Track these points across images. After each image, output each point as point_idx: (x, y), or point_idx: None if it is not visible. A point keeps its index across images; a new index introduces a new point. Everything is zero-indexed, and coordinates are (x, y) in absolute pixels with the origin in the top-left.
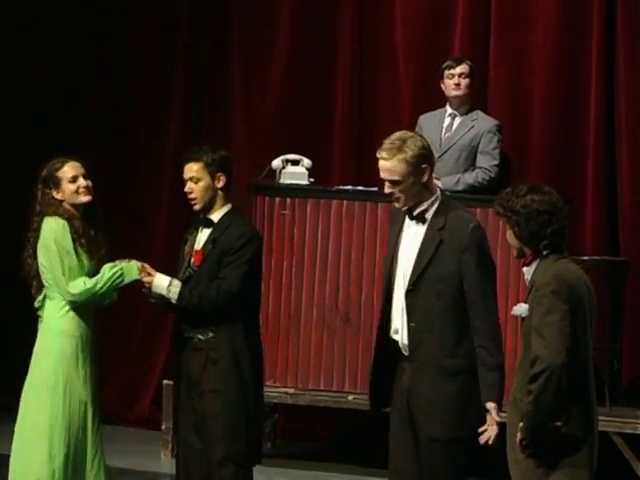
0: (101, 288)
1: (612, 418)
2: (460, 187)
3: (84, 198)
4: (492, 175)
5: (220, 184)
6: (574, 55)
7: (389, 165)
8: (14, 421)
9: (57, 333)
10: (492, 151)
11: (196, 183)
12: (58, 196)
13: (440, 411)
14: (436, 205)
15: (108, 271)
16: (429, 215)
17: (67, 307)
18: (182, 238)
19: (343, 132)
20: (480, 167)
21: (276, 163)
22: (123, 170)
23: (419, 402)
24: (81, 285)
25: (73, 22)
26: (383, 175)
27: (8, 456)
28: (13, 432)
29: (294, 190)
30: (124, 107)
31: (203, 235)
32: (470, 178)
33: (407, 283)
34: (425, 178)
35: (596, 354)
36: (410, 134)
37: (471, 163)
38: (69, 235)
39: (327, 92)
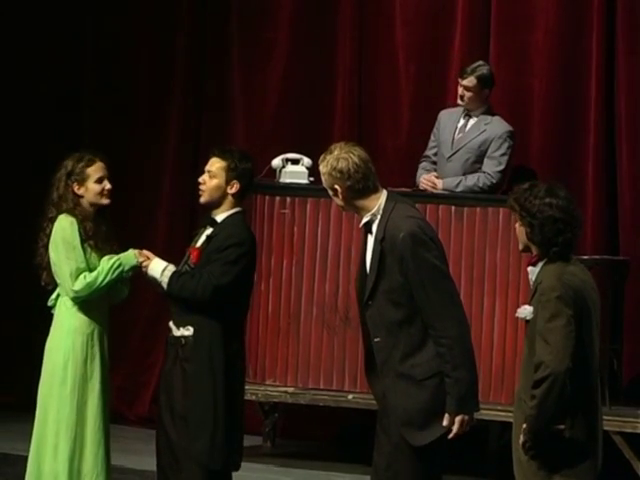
0: (102, 280)
1: (612, 417)
2: (460, 189)
3: (105, 201)
4: (494, 181)
5: (232, 190)
6: (574, 55)
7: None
8: (16, 420)
9: (68, 330)
10: (499, 157)
11: (210, 178)
12: (79, 192)
13: (421, 418)
14: (379, 215)
15: (106, 262)
16: (375, 226)
17: (78, 304)
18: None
19: (343, 131)
20: (484, 172)
21: (276, 162)
22: (123, 170)
23: (398, 413)
24: (82, 280)
25: (73, 22)
26: None
27: (9, 455)
28: (18, 431)
29: (294, 189)
30: (124, 107)
31: (206, 233)
32: (471, 181)
33: (365, 299)
34: (340, 196)
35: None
36: (340, 153)
37: (479, 167)
38: (77, 231)
39: (327, 91)
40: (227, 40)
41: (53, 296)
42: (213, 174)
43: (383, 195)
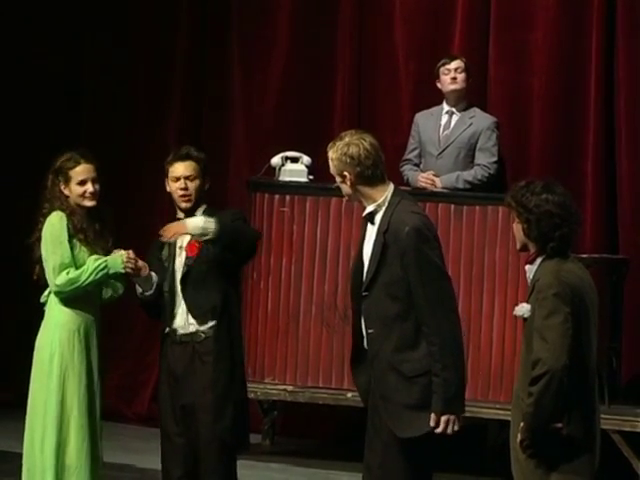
0: (85, 280)
1: (611, 416)
2: (460, 185)
3: (88, 203)
4: (491, 172)
5: (206, 186)
6: (574, 54)
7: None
8: (13, 418)
9: (55, 324)
10: (491, 148)
11: (192, 181)
12: (65, 191)
13: (407, 413)
14: (384, 207)
15: (92, 263)
16: (378, 217)
17: (66, 299)
18: (153, 244)
19: (342, 130)
20: (479, 164)
21: (275, 160)
22: (123, 169)
23: (388, 407)
24: (64, 275)
25: (73, 21)
26: None
27: (7, 453)
28: (15, 429)
29: (293, 187)
30: (124, 107)
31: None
32: (469, 175)
33: (362, 289)
34: (348, 183)
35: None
36: (351, 139)
37: (470, 160)
38: (65, 227)
39: (327, 90)
40: (227, 39)
41: (45, 293)
42: (193, 177)
43: (390, 188)
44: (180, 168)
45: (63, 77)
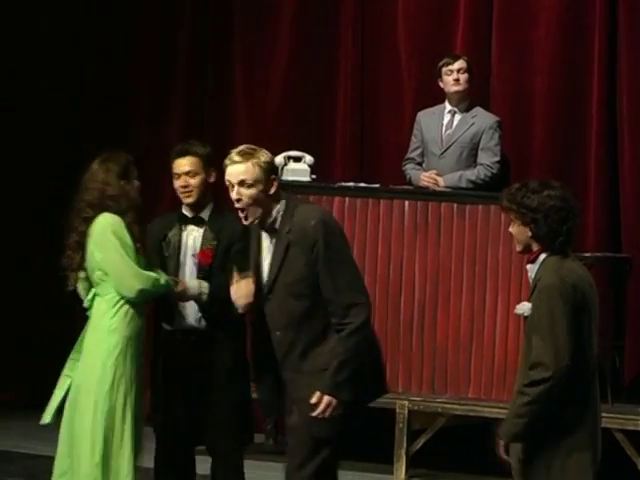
0: (161, 287)
1: (614, 415)
2: (463, 184)
3: (139, 199)
4: (494, 171)
5: (212, 179)
6: (576, 52)
7: (242, 168)
8: (17, 418)
9: (107, 331)
10: (493, 147)
11: (193, 177)
12: (127, 187)
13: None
14: (282, 211)
15: (163, 276)
16: (278, 224)
17: (119, 305)
18: (158, 236)
19: (345, 129)
20: (482, 164)
21: (278, 160)
22: None
23: (304, 408)
24: (146, 279)
25: (74, 21)
26: (233, 179)
27: (11, 452)
28: (17, 429)
29: (296, 187)
30: (125, 107)
31: (192, 233)
32: (472, 175)
33: (264, 294)
34: (272, 190)
35: (598, 351)
36: (258, 148)
37: (473, 160)
38: (127, 231)
39: (329, 89)
40: (229, 38)
41: (89, 297)
42: (194, 172)
43: (283, 193)
44: (180, 164)
45: (63, 77)
